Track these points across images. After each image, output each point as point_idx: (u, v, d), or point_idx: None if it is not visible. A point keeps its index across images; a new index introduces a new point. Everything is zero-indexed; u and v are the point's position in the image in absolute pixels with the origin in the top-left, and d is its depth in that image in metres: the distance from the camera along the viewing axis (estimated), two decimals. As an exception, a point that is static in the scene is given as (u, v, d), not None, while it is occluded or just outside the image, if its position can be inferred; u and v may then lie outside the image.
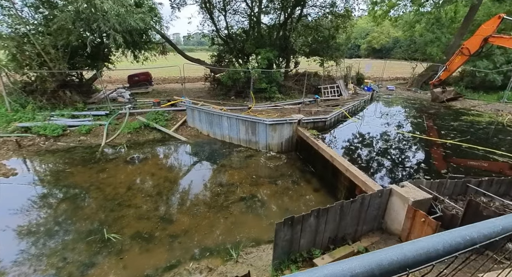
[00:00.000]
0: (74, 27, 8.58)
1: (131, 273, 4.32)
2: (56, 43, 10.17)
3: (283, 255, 3.75)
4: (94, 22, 7.91)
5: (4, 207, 6.11)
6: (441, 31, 16.09)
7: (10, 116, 10.53)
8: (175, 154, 9.63)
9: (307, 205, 6.40)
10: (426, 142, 9.25)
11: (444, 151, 8.25)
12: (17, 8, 10.02)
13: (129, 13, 8.09)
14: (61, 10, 8.51)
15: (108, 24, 7.88)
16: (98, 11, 7.47)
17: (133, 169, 8.34)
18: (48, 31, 10.08)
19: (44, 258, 4.65)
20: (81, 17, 8.30)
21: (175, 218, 5.80)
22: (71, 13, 8.16)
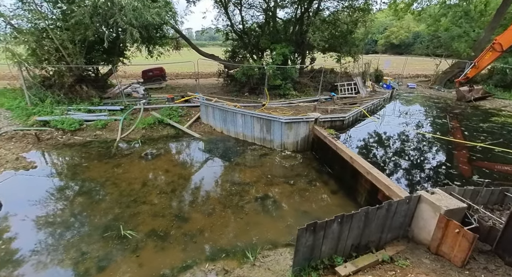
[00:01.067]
0: (91, 22, 8.61)
1: (147, 271, 4.26)
2: (74, 38, 10.27)
3: (303, 262, 3.57)
4: (111, 17, 7.88)
5: (24, 198, 6.23)
6: (470, 25, 15.10)
7: (30, 110, 10.80)
8: (189, 150, 9.58)
9: (324, 207, 6.17)
10: (453, 145, 8.70)
11: (474, 154, 7.73)
12: (37, 3, 10.16)
13: (146, 8, 8.02)
14: (78, 5, 8.53)
15: (125, 19, 7.84)
16: (115, 6, 7.43)
17: (147, 165, 8.35)
18: (66, 26, 10.18)
19: (62, 250, 4.68)
20: (98, 12, 8.30)
21: (190, 217, 5.72)
22: (89, 8, 8.17)
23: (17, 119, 10.54)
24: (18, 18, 10.28)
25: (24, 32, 10.10)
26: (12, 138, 9.56)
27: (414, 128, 10.05)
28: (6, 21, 10.06)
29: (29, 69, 10.58)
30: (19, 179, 7.22)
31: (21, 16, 10.32)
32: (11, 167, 7.73)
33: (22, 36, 9.84)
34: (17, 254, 4.61)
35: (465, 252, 3.41)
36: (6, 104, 11.27)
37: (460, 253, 3.49)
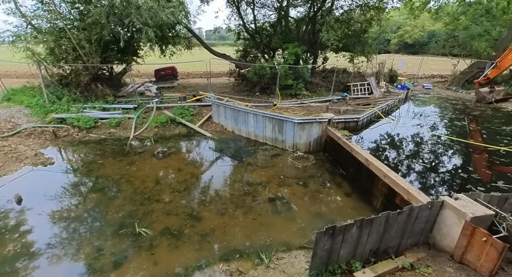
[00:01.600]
0: (107, 22, 8.76)
1: (162, 269, 4.28)
2: (90, 37, 10.48)
3: (321, 266, 3.48)
4: (127, 17, 8.00)
5: (42, 193, 6.39)
6: (491, 23, 14.49)
7: (47, 107, 11.10)
8: (200, 149, 9.61)
9: (338, 210, 6.04)
10: (473, 148, 8.35)
11: (497, 159, 7.39)
12: (56, 3, 10.41)
13: (160, 8, 8.09)
14: (95, 5, 8.70)
15: (140, 19, 7.93)
16: (132, 5, 7.53)
17: (160, 163, 8.42)
18: (83, 26, 10.40)
19: (77, 245, 4.76)
20: (114, 12, 8.44)
21: (202, 216, 5.71)
22: (105, 8, 8.31)
23: (35, 116, 10.86)
24: (38, 19, 10.57)
25: (43, 32, 10.39)
26: (31, 135, 9.85)
27: (431, 130, 9.71)
28: (27, 21, 10.35)
29: (48, 67, 10.86)
30: (38, 175, 7.42)
31: (41, 17, 10.61)
32: (30, 163, 7.95)
33: (42, 35, 10.11)
34: (33, 247, 4.72)
35: (493, 262, 3.24)
36: (25, 101, 11.62)
37: (488, 263, 3.32)
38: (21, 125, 10.25)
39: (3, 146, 8.62)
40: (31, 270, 4.28)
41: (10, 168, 7.58)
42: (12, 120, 10.55)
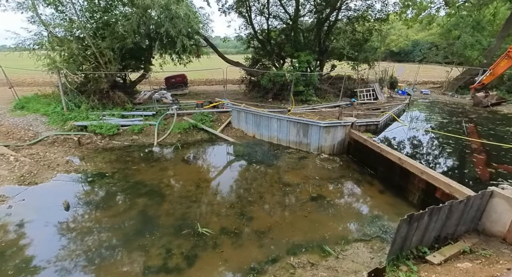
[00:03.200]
0: (137, 32, 9.00)
1: (236, 265, 4.50)
2: (112, 46, 10.64)
3: (398, 251, 3.85)
4: (161, 27, 8.27)
5: (85, 199, 6.44)
6: (482, 34, 15.88)
7: (66, 115, 11.04)
8: (229, 154, 9.87)
9: (376, 206, 6.46)
10: (489, 148, 8.95)
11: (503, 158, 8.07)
12: (78, 14, 10.54)
13: (193, 18, 8.43)
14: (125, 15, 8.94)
15: (175, 29, 8.25)
16: (173, 16, 7.84)
17: (193, 167, 8.62)
18: (106, 34, 10.56)
19: (145, 247, 4.89)
20: (144, 22, 8.70)
21: (253, 216, 5.97)
22: (136, 18, 8.57)
23: (53, 124, 10.76)
24: (59, 27, 10.63)
25: (65, 40, 10.45)
26: (54, 143, 9.77)
27: (444, 132, 10.32)
28: (48, 29, 10.39)
29: (68, 75, 10.87)
30: (74, 181, 7.42)
31: (61, 25, 10.68)
32: (63, 170, 7.93)
33: (64, 44, 10.16)
34: (105, 250, 4.82)
35: (547, 240, 3.73)
36: (41, 109, 11.48)
37: (541, 242, 3.81)
38: (41, 133, 10.15)
39: (32, 154, 8.54)
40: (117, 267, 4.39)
41: (45, 175, 7.54)
42: (31, 128, 10.43)
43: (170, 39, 8.82)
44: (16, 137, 9.68)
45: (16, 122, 10.67)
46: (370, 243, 4.95)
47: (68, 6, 11.00)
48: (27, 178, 7.29)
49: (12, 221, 5.57)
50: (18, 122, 10.65)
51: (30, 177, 7.36)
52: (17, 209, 5.99)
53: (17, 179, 7.22)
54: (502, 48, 15.97)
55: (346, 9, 14.94)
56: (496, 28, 17.65)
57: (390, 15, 15.00)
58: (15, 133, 9.90)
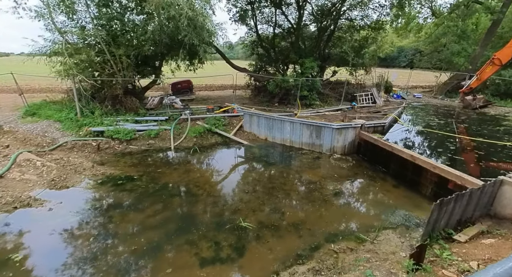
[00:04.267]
0: (159, 39, 9.39)
1: (282, 253, 4.94)
2: (128, 53, 10.95)
3: (430, 233, 4.44)
4: (184, 36, 8.71)
5: (120, 201, 6.71)
6: (467, 42, 17.32)
7: (80, 121, 11.16)
8: (247, 155, 10.28)
9: (394, 198, 7.09)
10: (486, 146, 9.85)
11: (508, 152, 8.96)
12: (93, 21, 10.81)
13: (215, 27, 8.98)
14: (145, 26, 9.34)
15: (199, 38, 8.72)
16: (198, 27, 8.31)
17: (215, 169, 9.00)
18: (119, 42, 10.88)
19: (195, 241, 5.24)
20: (165, 31, 9.12)
21: (285, 210, 6.44)
22: (158, 27, 8.98)
23: (68, 130, 10.85)
24: (73, 34, 10.85)
25: (81, 47, 10.67)
26: (73, 148, 9.89)
27: (443, 132, 11.14)
28: (64, 37, 10.58)
29: (83, 81, 11.04)
30: (104, 184, 7.62)
31: (76, 32, 10.90)
32: (91, 174, 8.12)
33: (81, 51, 10.39)
34: (154, 245, 5.14)
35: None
36: (54, 115, 11.53)
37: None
38: (58, 139, 10.25)
39: (56, 159, 8.66)
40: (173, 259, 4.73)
41: (75, 179, 7.72)
42: (46, 134, 10.49)
43: (191, 47, 9.27)
44: (34, 144, 9.73)
45: (30, 128, 10.70)
46: (397, 230, 5.53)
47: (80, 14, 11.28)
48: (58, 182, 7.46)
49: (58, 222, 5.77)
50: (32, 129, 10.67)
51: (60, 181, 7.52)
52: (58, 211, 6.18)
53: (48, 183, 7.37)
54: (485, 55, 17.45)
55: (345, 19, 15.89)
56: (478, 36, 19.27)
57: (384, 24, 16.05)
58: (32, 140, 9.94)
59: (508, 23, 17.83)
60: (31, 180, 7.46)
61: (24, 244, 5.10)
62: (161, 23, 8.98)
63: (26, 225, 5.64)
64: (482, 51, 17.39)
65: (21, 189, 6.95)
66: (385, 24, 16.00)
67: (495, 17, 15.83)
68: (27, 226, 5.59)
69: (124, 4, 10.85)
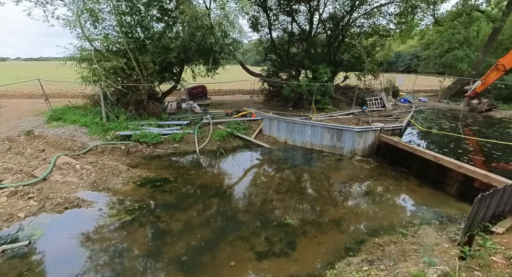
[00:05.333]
0: (189, 47, 9.85)
1: (331, 247, 5.32)
2: (153, 59, 11.36)
3: (470, 225, 4.86)
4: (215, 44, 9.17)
5: (165, 201, 7.03)
6: (470, 49, 18.13)
7: (106, 125, 11.48)
8: (271, 158, 10.62)
9: (420, 197, 7.51)
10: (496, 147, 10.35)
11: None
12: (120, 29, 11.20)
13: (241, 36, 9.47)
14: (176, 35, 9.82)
15: (230, 46, 9.21)
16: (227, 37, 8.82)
17: (244, 171, 9.36)
18: (146, 49, 11.29)
19: (246, 237, 5.59)
20: (194, 40, 9.58)
21: (322, 209, 6.82)
22: (188, 36, 9.43)
23: (94, 134, 11.15)
24: (102, 42, 11.23)
25: (110, 54, 11.04)
26: (103, 152, 10.19)
27: (458, 134, 11.58)
28: (92, 44, 10.95)
29: (110, 87, 11.39)
30: (143, 186, 7.92)
31: (105, 40, 11.29)
32: (127, 176, 8.41)
33: (110, 58, 10.75)
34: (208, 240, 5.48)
35: None
36: (80, 120, 11.81)
37: None
38: (87, 143, 10.53)
39: (91, 162, 8.95)
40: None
41: (114, 181, 8.01)
42: (75, 138, 10.78)
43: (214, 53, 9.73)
44: (65, 147, 10.01)
45: (58, 133, 10.97)
46: (432, 225, 5.95)
47: (106, 22, 11.69)
48: (99, 184, 7.76)
49: (112, 221, 6.07)
50: (60, 133, 10.95)
51: (102, 183, 7.82)
52: (108, 211, 6.48)
53: (90, 185, 7.67)
54: (487, 61, 18.25)
55: (355, 26, 16.55)
56: (480, 42, 20.14)
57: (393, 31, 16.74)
58: (63, 144, 10.22)
59: (508, 30, 18.74)
60: (73, 182, 7.75)
61: (88, 241, 5.39)
62: (191, 31, 9.43)
63: (82, 224, 5.93)
64: (484, 57, 18.20)
65: (66, 191, 7.24)
66: (393, 31, 16.66)
67: (496, 25, 16.69)
68: (84, 226, 5.87)
69: (151, 14, 11.30)
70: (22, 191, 6.84)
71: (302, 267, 4.77)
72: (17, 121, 12.07)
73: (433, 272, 3.49)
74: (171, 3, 11.60)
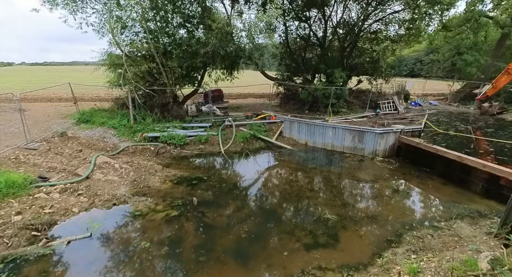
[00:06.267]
0: (218, 52, 10.37)
1: (374, 238, 5.66)
2: (180, 64, 11.86)
3: (505, 220, 5.22)
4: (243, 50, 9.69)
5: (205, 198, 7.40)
6: (479, 53, 18.66)
7: (134, 127, 11.92)
8: (296, 159, 10.95)
9: (447, 194, 7.85)
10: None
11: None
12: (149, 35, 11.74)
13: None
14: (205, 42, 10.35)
15: (258, 52, 9.72)
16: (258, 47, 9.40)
17: (271, 170, 9.73)
18: (175, 54, 11.80)
19: (292, 232, 5.95)
20: (223, 46, 10.12)
21: (355, 205, 7.17)
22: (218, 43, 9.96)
23: (123, 135, 11.57)
24: (131, 47, 11.76)
25: (141, 59, 11.56)
26: (134, 152, 10.59)
27: (474, 136, 11.97)
28: (123, 50, 11.46)
29: (139, 90, 11.85)
30: (180, 184, 8.29)
31: (134, 45, 11.82)
32: (163, 175, 8.80)
33: (141, 63, 11.26)
34: (258, 233, 5.83)
35: None
36: (108, 122, 12.26)
37: None
38: (118, 144, 10.95)
39: (128, 161, 9.35)
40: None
41: (152, 180, 8.39)
42: (105, 140, 11.20)
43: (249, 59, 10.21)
44: (99, 148, 10.42)
45: (89, 134, 11.39)
46: (464, 220, 6.29)
47: (135, 28, 12.22)
48: (139, 182, 8.14)
49: (161, 216, 6.44)
50: (91, 135, 11.37)
51: (141, 181, 8.21)
52: (154, 207, 6.85)
53: (131, 184, 8.06)
54: (496, 65, 18.75)
55: (368, 32, 17.10)
56: (488, 47, 20.67)
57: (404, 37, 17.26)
58: (96, 144, 10.63)
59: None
60: (114, 180, 8.14)
61: (144, 233, 5.76)
62: (220, 37, 9.94)
63: (133, 218, 6.30)
64: (493, 62, 18.70)
65: (109, 189, 7.63)
66: (404, 37, 17.17)
67: (506, 30, 17.22)
68: (135, 220, 6.24)
69: (175, 21, 11.85)
70: (72, 188, 7.25)
71: (351, 257, 5.12)
72: (46, 123, 12.51)
73: (484, 256, 3.84)
74: (196, 11, 12.16)
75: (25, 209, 6.10)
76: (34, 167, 8.11)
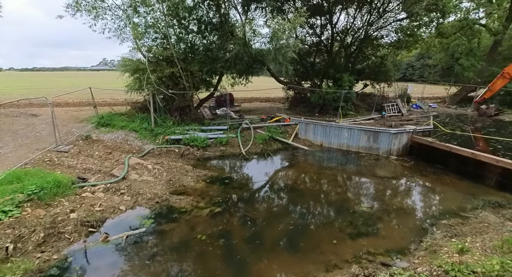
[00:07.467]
0: (241, 57, 10.86)
1: (410, 227, 6.15)
2: (201, 69, 12.28)
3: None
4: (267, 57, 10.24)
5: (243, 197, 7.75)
6: (475, 59, 19.89)
7: (155, 130, 12.19)
8: (315, 159, 11.41)
9: (464, 188, 8.42)
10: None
11: None
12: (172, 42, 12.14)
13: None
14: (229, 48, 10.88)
15: (282, 57, 10.23)
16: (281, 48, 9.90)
17: (295, 169, 10.17)
18: (196, 59, 12.23)
19: (332, 223, 6.37)
20: (246, 52, 10.60)
21: (383, 199, 7.67)
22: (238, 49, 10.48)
23: (145, 138, 11.82)
24: (154, 52, 12.12)
25: (163, 64, 11.91)
26: (160, 154, 10.86)
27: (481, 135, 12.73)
28: (146, 56, 11.80)
29: (166, 93, 12.15)
30: (213, 184, 8.60)
31: (156, 50, 12.18)
32: (194, 175, 9.09)
33: (164, 68, 11.62)
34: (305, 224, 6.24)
35: None
36: (129, 126, 12.47)
37: None
38: (142, 146, 11.19)
39: (157, 163, 9.62)
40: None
41: (185, 180, 8.68)
42: (129, 142, 11.42)
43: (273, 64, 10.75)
44: (125, 150, 10.63)
45: (111, 137, 11.57)
46: (487, 209, 6.87)
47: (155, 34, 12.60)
48: (174, 182, 8.43)
49: (204, 212, 6.75)
50: (114, 138, 11.55)
51: (176, 181, 8.49)
52: (196, 205, 7.15)
53: (166, 183, 8.34)
54: (490, 70, 19.97)
55: (371, 38, 17.99)
56: (481, 53, 22.01)
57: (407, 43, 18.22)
58: (121, 147, 10.84)
59: (506, 42, 20.65)
60: (149, 180, 8.41)
61: (195, 227, 6.07)
62: (243, 43, 10.47)
63: (180, 215, 6.59)
64: (487, 67, 19.93)
65: (147, 188, 7.89)
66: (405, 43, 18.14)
67: (499, 37, 18.47)
68: (182, 216, 6.54)
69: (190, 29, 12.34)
70: (113, 188, 7.49)
71: (394, 243, 5.58)
72: (65, 127, 12.59)
73: (522, 236, 4.37)
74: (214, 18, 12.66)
75: (76, 207, 6.33)
76: (69, 168, 8.32)
